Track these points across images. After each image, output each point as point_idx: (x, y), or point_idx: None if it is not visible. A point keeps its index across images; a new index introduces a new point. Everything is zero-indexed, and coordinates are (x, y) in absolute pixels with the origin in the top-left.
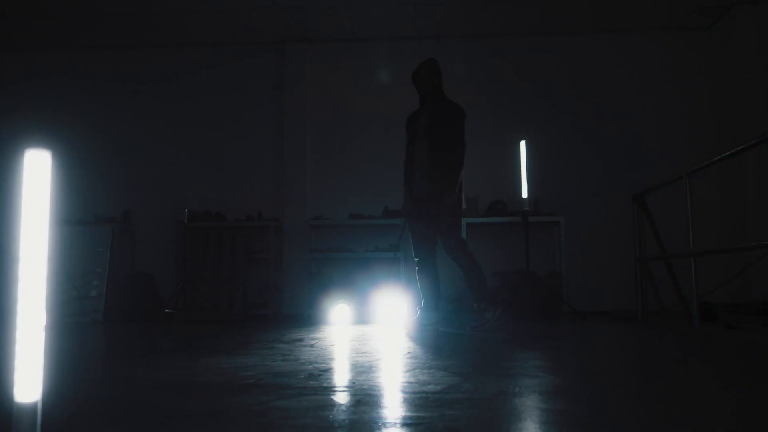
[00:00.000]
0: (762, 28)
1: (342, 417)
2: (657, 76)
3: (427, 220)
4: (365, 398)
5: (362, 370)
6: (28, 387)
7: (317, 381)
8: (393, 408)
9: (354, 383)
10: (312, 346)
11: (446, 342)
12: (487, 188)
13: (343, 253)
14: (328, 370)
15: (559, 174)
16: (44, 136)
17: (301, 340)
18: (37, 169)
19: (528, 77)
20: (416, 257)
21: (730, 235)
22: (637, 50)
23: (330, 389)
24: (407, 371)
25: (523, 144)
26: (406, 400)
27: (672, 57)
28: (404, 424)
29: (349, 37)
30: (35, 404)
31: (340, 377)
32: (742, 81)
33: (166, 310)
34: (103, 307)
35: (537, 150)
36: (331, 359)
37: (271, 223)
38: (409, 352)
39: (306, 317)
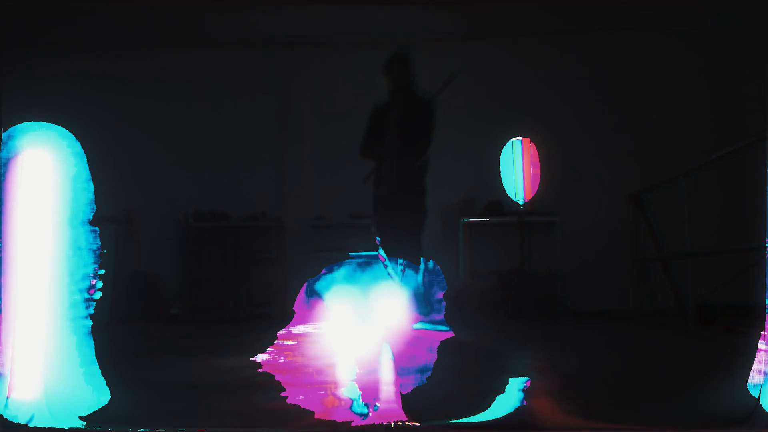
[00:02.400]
0: (762, 28)
1: (342, 417)
2: (656, 75)
3: (393, 219)
4: (365, 398)
5: (362, 370)
6: (28, 387)
7: (318, 381)
8: (393, 408)
9: (354, 383)
10: (313, 345)
11: (445, 342)
12: (486, 188)
13: (344, 252)
14: (328, 370)
15: (556, 174)
16: (44, 136)
17: (302, 340)
18: (37, 169)
19: (527, 77)
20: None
21: (730, 235)
22: (636, 49)
23: (330, 389)
24: (407, 371)
25: (520, 143)
26: (406, 400)
27: (671, 56)
28: (404, 424)
29: (350, 37)
30: (35, 404)
31: (341, 376)
32: (742, 80)
33: (170, 311)
34: (104, 307)
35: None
36: (332, 359)
37: (273, 222)
38: (408, 352)
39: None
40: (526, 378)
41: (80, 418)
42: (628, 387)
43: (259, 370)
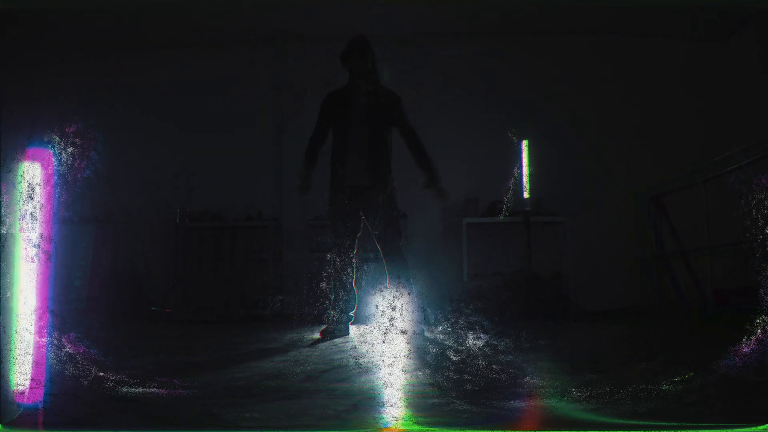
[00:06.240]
0: None
1: (341, 417)
2: (659, 77)
3: (364, 213)
4: (365, 398)
5: (362, 370)
6: (28, 387)
7: (317, 382)
8: (393, 408)
9: (354, 384)
10: (311, 346)
11: (446, 342)
12: (488, 188)
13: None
14: (327, 371)
15: (562, 174)
16: (44, 135)
17: (300, 340)
18: (37, 169)
19: (529, 77)
20: (337, 261)
21: (731, 235)
22: (640, 52)
23: (330, 390)
24: (407, 371)
25: (524, 144)
26: (406, 400)
27: (674, 58)
28: (404, 425)
29: (349, 36)
30: (35, 404)
31: (340, 378)
32: (747, 87)
33: (166, 311)
34: (103, 307)
35: (539, 150)
36: (331, 360)
37: (270, 222)
38: (408, 353)
39: (306, 317)
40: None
41: (77, 418)
42: (642, 384)
43: (252, 371)
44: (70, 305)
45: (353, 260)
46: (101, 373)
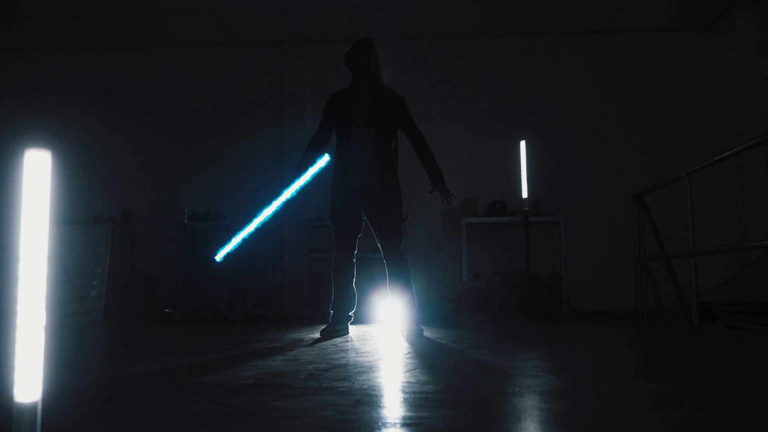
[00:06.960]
0: (762, 28)
1: (342, 417)
2: (656, 75)
3: (366, 213)
4: (365, 398)
5: (362, 370)
6: (28, 387)
7: (317, 381)
8: (393, 408)
9: (354, 383)
10: (312, 346)
11: (446, 342)
12: (487, 188)
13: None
14: (327, 370)
15: (559, 174)
16: (44, 136)
17: (301, 340)
18: (37, 169)
19: (528, 77)
20: (337, 261)
21: (731, 234)
22: (637, 50)
23: (330, 389)
24: (407, 371)
25: (523, 144)
26: (405, 400)
27: (671, 57)
28: (404, 424)
29: (349, 37)
30: (35, 404)
31: (340, 377)
32: (742, 81)
33: (166, 310)
34: (103, 307)
35: (537, 150)
36: (331, 359)
37: (271, 222)
38: (408, 352)
39: (306, 317)
40: (537, 379)
41: (71, 418)
42: (639, 387)
43: (253, 371)
44: (87, 317)
45: (353, 260)
46: (124, 377)
